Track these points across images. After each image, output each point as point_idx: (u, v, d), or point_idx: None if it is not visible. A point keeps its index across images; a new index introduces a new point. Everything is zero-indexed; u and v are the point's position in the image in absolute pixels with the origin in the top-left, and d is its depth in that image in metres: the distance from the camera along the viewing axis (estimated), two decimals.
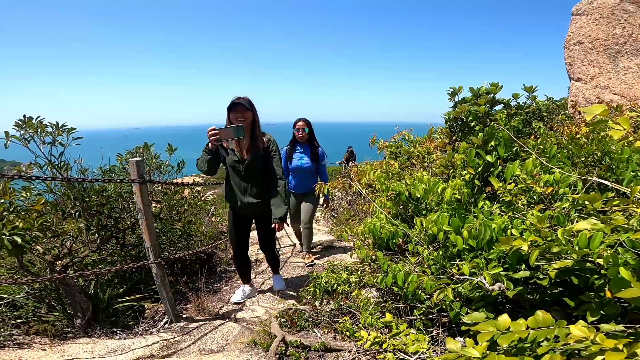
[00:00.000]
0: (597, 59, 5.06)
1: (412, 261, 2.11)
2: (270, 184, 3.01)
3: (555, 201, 1.80)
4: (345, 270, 3.01)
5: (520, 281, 1.49)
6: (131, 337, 2.65)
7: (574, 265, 1.23)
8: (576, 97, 5.22)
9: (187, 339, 2.59)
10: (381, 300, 2.46)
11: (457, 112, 2.56)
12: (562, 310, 1.38)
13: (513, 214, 1.78)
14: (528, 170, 1.92)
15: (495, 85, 2.46)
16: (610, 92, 4.87)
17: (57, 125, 2.71)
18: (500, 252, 1.58)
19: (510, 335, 0.99)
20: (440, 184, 2.26)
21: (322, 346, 2.19)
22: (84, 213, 2.94)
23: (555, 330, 0.96)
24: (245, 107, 2.80)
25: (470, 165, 2.19)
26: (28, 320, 2.72)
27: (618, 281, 1.02)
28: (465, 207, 2.13)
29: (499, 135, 2.18)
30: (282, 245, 5.38)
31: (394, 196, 2.58)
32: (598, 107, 1.03)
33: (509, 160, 2.18)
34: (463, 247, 1.75)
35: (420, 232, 2.18)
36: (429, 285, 1.67)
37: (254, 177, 2.97)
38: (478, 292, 1.62)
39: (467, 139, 2.56)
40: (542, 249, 1.27)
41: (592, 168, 2.12)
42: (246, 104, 2.82)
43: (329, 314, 2.58)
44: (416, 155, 3.74)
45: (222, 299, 3.45)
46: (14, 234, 2.14)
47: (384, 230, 2.40)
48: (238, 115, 2.80)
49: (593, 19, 5.12)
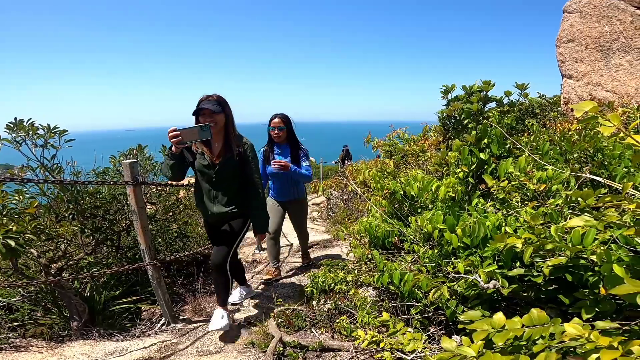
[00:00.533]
0: (588, 56, 5.10)
1: (408, 260, 2.12)
2: (247, 193, 2.67)
3: (548, 198, 1.82)
4: (342, 270, 3.01)
5: (515, 279, 1.50)
6: (128, 339, 2.64)
7: (567, 262, 1.24)
8: (569, 94, 5.26)
9: (185, 340, 2.59)
10: (378, 299, 2.46)
11: (450, 110, 2.56)
12: (557, 308, 1.39)
13: (507, 211, 1.79)
14: (521, 167, 1.94)
15: (488, 83, 2.47)
16: (603, 89, 4.91)
17: (48, 127, 2.69)
18: (495, 249, 1.58)
19: (506, 333, 0.99)
20: (434, 182, 2.27)
21: (319, 346, 2.19)
22: (78, 216, 2.92)
23: (550, 328, 0.97)
24: (211, 111, 2.43)
25: (463, 163, 2.20)
26: (24, 323, 2.71)
27: (612, 278, 1.03)
28: (460, 205, 2.14)
29: (492, 132, 2.19)
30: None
31: (389, 195, 2.58)
32: (587, 104, 1.03)
33: (502, 157, 2.19)
34: (458, 245, 1.76)
35: (416, 230, 2.19)
36: (425, 284, 1.68)
37: (226, 184, 2.60)
38: (474, 290, 1.63)
39: (460, 137, 2.57)
40: (536, 246, 1.28)
41: (585, 164, 2.13)
42: (214, 106, 2.44)
43: (326, 313, 2.58)
44: (411, 154, 3.75)
45: None
46: (8, 237, 2.13)
47: (379, 229, 2.41)
48: (207, 120, 2.43)
49: (584, 17, 5.16)
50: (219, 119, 2.48)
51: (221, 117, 2.50)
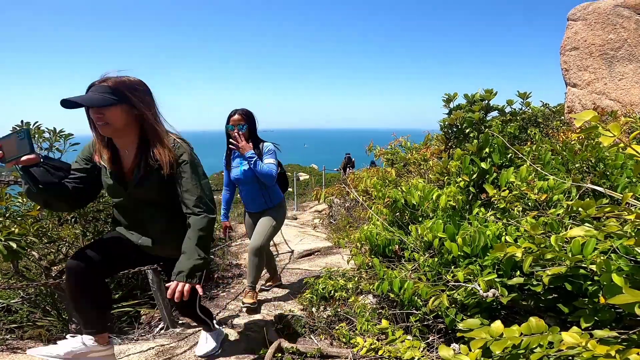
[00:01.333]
0: (592, 64, 5.11)
1: (408, 268, 2.11)
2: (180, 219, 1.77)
3: (549, 208, 1.81)
4: (342, 277, 3.01)
5: (515, 287, 1.49)
6: (127, 342, 2.63)
7: (567, 272, 1.23)
8: (572, 102, 5.26)
9: (183, 344, 2.58)
10: (378, 306, 2.45)
11: (452, 118, 2.57)
12: (556, 317, 1.38)
13: (507, 221, 1.79)
14: (522, 177, 1.94)
15: (490, 92, 2.48)
16: (606, 98, 4.91)
17: (54, 130, 2.71)
18: (495, 258, 1.58)
19: (503, 341, 0.99)
20: (435, 191, 2.27)
21: (318, 352, 2.18)
22: (80, 219, 2.94)
23: (548, 337, 0.96)
24: (101, 101, 1.52)
25: (464, 172, 2.20)
26: (22, 325, 2.71)
27: (611, 287, 1.03)
28: (460, 214, 2.14)
29: (494, 142, 2.20)
30: (280, 251, 5.37)
31: (390, 203, 2.59)
32: (588, 114, 1.04)
33: (503, 167, 2.20)
34: (458, 254, 1.75)
35: (416, 239, 2.19)
36: (425, 292, 1.68)
37: (149, 209, 1.81)
38: (473, 299, 1.62)
39: (462, 146, 2.57)
40: (536, 255, 1.28)
41: (587, 174, 2.13)
42: (109, 92, 1.54)
43: (325, 320, 2.57)
44: (412, 162, 3.75)
45: (218, 305, 3.43)
46: (10, 239, 2.14)
47: (380, 237, 2.41)
48: (96, 118, 1.56)
49: (588, 24, 5.17)
50: (112, 117, 1.56)
51: (117, 113, 1.57)
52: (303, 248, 5.28)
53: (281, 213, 3.14)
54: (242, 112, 2.90)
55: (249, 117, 2.92)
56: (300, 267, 4.40)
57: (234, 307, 3.27)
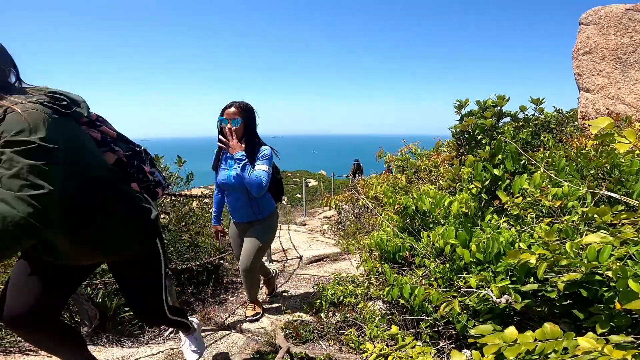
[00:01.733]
0: (605, 68, 5.05)
1: (418, 274, 2.10)
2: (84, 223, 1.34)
3: (564, 214, 1.79)
4: (351, 283, 3.00)
5: (529, 294, 1.48)
6: (137, 345, 2.65)
7: (582, 278, 1.22)
8: (586, 107, 5.20)
9: None
10: (387, 312, 2.44)
11: (464, 125, 2.56)
12: (571, 322, 1.36)
13: (521, 228, 1.77)
14: (536, 183, 1.92)
15: (502, 98, 2.47)
16: (620, 103, 4.84)
17: None
18: (508, 265, 1.57)
19: (517, 347, 0.98)
20: (447, 198, 2.26)
21: (327, 358, 2.17)
22: None
23: (563, 342, 0.95)
24: None
25: (477, 179, 2.18)
26: None
27: (627, 293, 1.02)
28: (472, 221, 2.13)
29: (506, 148, 2.18)
30: (289, 257, 5.36)
31: (401, 209, 2.58)
32: (604, 120, 1.03)
33: (516, 173, 2.18)
34: (470, 260, 1.74)
35: (427, 245, 2.17)
36: (436, 298, 1.66)
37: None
38: (485, 305, 1.60)
39: (474, 153, 2.56)
40: (551, 262, 1.26)
41: (602, 181, 2.10)
42: None
43: (334, 325, 2.56)
44: (423, 169, 3.74)
45: (228, 310, 3.44)
46: None
47: (390, 243, 2.40)
48: None
49: (601, 28, 5.12)
50: None
51: None
52: (312, 254, 5.28)
53: (272, 227, 2.82)
54: (239, 104, 2.47)
55: (246, 111, 2.50)
56: (309, 273, 4.40)
57: (243, 312, 3.27)
